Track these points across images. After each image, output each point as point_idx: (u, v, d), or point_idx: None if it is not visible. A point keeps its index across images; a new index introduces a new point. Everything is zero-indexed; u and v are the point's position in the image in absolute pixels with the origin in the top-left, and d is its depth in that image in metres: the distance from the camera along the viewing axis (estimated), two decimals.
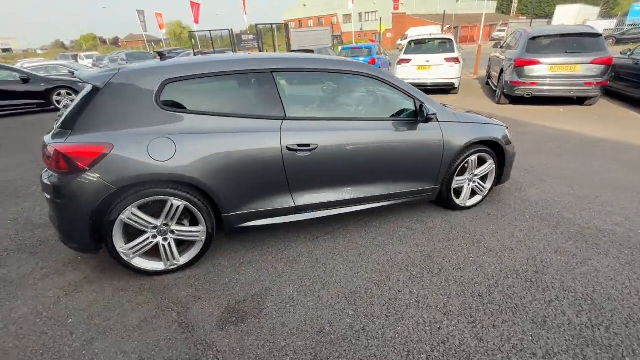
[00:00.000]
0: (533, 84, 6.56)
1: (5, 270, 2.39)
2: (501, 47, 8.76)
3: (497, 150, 2.99)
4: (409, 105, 2.61)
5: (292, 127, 2.25)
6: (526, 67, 6.53)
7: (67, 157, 1.84)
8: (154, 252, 2.18)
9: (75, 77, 7.81)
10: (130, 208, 1.98)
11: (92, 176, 1.87)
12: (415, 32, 26.64)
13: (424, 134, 2.63)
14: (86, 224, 1.96)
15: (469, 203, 3.08)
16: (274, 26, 21.03)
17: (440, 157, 2.72)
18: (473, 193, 3.07)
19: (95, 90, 1.97)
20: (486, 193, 3.12)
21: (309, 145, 2.25)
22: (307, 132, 2.28)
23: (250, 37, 19.97)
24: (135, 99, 2.00)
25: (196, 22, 24.26)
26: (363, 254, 2.44)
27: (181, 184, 2.06)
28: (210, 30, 20.81)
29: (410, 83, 2.95)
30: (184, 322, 1.87)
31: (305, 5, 50.84)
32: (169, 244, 2.18)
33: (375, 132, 2.50)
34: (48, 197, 2.02)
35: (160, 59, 11.29)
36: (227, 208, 2.21)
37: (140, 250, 2.13)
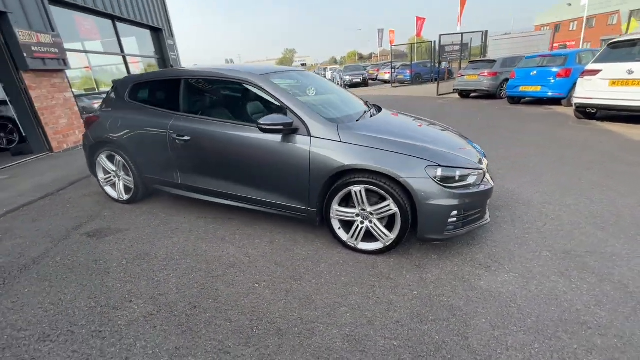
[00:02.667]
0: None
1: None
2: None
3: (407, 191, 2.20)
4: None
5: (179, 120, 2.86)
6: None
7: (86, 121, 3.44)
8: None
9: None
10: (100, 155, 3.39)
11: (88, 134, 3.38)
12: None
13: (290, 147, 2.43)
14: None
15: (362, 246, 2.43)
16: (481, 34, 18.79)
17: (306, 177, 2.41)
18: (373, 236, 2.40)
19: (113, 87, 3.45)
20: (389, 243, 2.34)
21: (183, 136, 2.79)
22: (187, 125, 2.81)
23: (456, 47, 18.92)
24: (119, 92, 3.31)
25: (418, 35, 25.77)
26: (209, 244, 2.69)
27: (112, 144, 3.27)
28: (414, 43, 21.43)
29: (600, 105, 2.66)
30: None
31: (570, 5, 40.42)
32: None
33: (242, 134, 2.61)
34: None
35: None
36: (140, 171, 3.17)
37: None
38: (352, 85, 21.20)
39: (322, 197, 2.45)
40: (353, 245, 2.45)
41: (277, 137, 2.46)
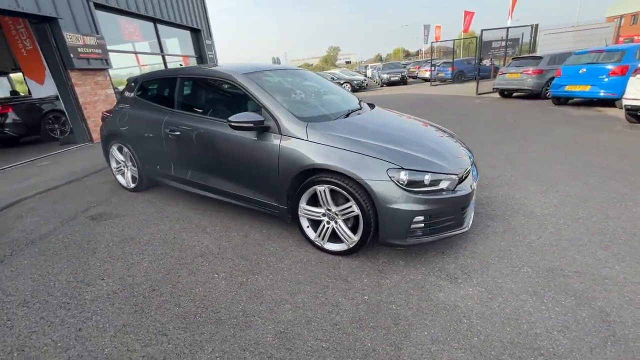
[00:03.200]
0: None
1: None
2: None
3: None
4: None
5: (173, 116, 3.05)
6: None
7: (102, 116, 3.81)
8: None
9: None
10: (112, 146, 3.72)
11: (103, 127, 3.75)
12: None
13: (263, 144, 2.48)
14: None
15: (328, 246, 2.41)
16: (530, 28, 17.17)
17: (276, 174, 2.45)
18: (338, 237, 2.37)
19: (127, 84, 3.77)
20: (352, 245, 2.29)
21: (175, 131, 2.97)
22: (178, 121, 2.99)
23: (504, 43, 17.52)
24: (131, 90, 3.61)
25: (465, 30, 24.47)
26: (190, 233, 2.85)
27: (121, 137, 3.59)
28: (458, 39, 20.32)
29: None
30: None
31: None
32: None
33: (223, 131, 2.70)
34: None
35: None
36: (143, 162, 3.42)
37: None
38: (390, 84, 20.69)
39: (292, 195, 2.47)
40: (320, 245, 2.44)
41: (253, 134, 2.52)
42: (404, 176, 2.07)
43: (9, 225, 3.16)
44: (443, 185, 2.15)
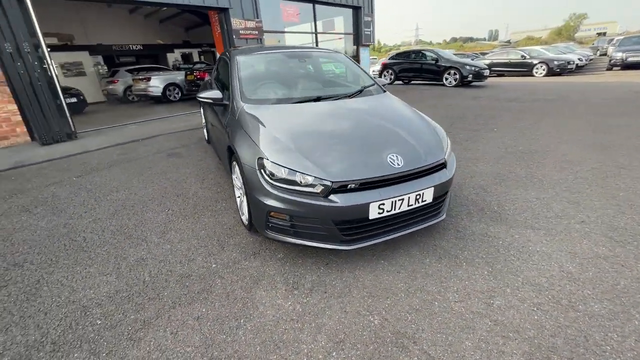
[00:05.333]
0: None
1: None
2: None
3: None
4: None
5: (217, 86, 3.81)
6: None
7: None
8: None
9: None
10: (201, 108, 4.94)
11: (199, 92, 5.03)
12: None
13: (222, 118, 2.89)
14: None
15: (243, 217, 2.62)
16: None
17: (225, 144, 2.81)
18: None
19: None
20: (247, 222, 2.42)
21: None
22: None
23: None
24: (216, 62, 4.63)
25: None
26: (184, 184, 3.68)
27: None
28: None
29: None
30: None
31: None
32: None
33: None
34: None
35: None
36: (207, 122, 4.47)
37: None
38: (628, 66, 14.26)
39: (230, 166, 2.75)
40: (240, 214, 2.66)
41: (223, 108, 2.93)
42: (268, 167, 1.97)
43: (135, 148, 5.04)
44: (308, 188, 1.88)
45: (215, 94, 2.78)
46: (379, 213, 1.92)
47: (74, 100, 9.86)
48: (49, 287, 2.01)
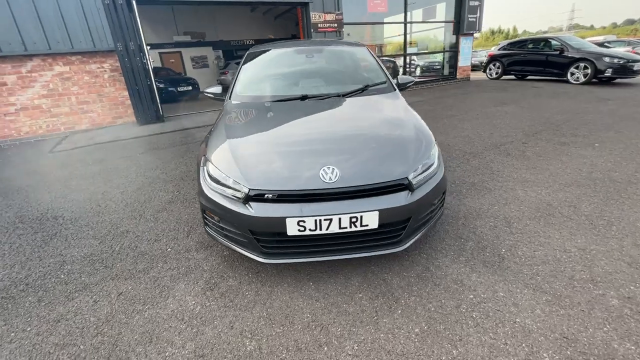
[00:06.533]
0: None
1: None
2: None
3: None
4: None
5: None
6: None
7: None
8: None
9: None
10: None
11: None
12: None
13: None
14: None
15: None
16: None
17: None
18: None
19: None
20: None
21: None
22: None
23: None
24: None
25: None
26: None
27: None
28: None
29: None
30: None
31: None
32: None
33: None
34: None
35: None
36: None
37: None
38: None
39: None
40: None
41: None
42: (208, 166, 1.98)
43: (194, 134, 5.73)
44: (234, 192, 1.82)
45: (217, 89, 2.92)
46: (300, 230, 1.71)
47: (189, 88, 11.87)
48: (55, 241, 2.54)
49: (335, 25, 8.22)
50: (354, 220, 1.70)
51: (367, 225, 1.73)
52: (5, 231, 2.72)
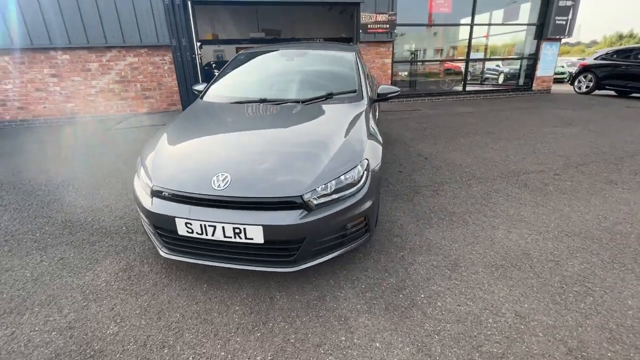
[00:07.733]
0: None
1: None
2: None
3: None
4: None
5: None
6: None
7: None
8: None
9: None
10: None
11: None
12: None
13: None
14: None
15: None
16: None
17: None
18: None
19: None
20: None
21: None
22: None
23: None
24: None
25: None
26: None
27: None
28: None
29: None
30: None
31: None
32: None
33: None
34: None
35: None
36: None
37: None
38: None
39: None
40: None
41: None
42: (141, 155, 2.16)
43: None
44: (144, 184, 1.95)
45: (201, 86, 3.11)
46: (188, 232, 1.76)
47: None
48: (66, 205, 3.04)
49: (387, 26, 7.86)
50: (237, 231, 1.68)
51: (252, 239, 1.69)
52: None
